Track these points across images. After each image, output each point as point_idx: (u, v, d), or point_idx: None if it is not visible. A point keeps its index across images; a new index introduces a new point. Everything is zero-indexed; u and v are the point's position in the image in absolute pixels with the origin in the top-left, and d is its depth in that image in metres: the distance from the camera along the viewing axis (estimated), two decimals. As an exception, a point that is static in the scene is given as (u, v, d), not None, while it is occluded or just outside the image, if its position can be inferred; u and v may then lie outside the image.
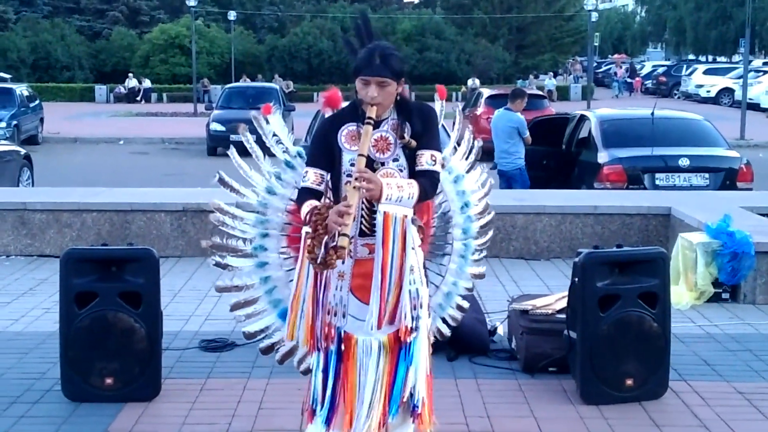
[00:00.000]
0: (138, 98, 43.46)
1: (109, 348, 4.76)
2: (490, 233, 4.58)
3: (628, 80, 49.17)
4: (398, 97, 3.66)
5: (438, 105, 4.28)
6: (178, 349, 5.66)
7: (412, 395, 3.68)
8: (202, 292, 7.02)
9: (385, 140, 3.62)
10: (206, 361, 5.49)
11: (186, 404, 4.80)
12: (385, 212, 3.46)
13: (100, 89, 44.43)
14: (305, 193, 3.63)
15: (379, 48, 3.60)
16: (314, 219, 3.47)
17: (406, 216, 3.49)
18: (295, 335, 3.70)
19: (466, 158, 4.39)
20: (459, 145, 4.41)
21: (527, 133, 11.10)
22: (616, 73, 49.67)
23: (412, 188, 3.51)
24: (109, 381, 4.77)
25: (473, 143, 4.43)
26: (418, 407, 3.68)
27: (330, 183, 3.67)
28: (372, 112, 3.52)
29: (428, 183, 3.60)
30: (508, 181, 11.19)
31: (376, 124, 3.57)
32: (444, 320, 4.41)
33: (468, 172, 4.36)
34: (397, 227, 3.47)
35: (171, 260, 8.09)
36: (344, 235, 3.31)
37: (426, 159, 3.61)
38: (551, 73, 50.18)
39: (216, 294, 4.41)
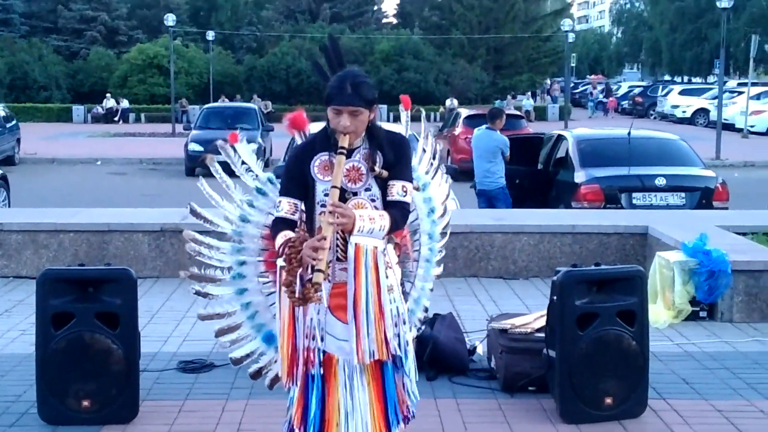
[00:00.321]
0: (116, 118, 43.31)
1: (86, 369, 4.71)
2: (448, 232, 4.75)
3: (603, 100, 49.66)
4: (369, 125, 3.63)
5: (404, 115, 4.41)
6: (156, 371, 5.62)
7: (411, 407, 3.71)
8: (180, 312, 6.98)
9: (357, 170, 3.59)
10: (184, 383, 5.45)
11: (164, 426, 4.77)
12: (356, 244, 3.45)
13: (78, 109, 44.23)
14: (279, 223, 3.59)
15: (350, 76, 3.54)
16: (288, 252, 3.44)
17: (376, 248, 3.48)
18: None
19: (432, 163, 4.49)
20: (425, 151, 4.52)
21: (508, 152, 11.14)
22: (591, 93, 50.19)
23: (384, 220, 3.50)
24: (86, 403, 4.73)
25: (436, 146, 4.56)
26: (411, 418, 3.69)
27: (304, 212, 3.65)
28: (344, 141, 3.49)
29: (399, 214, 3.59)
30: (489, 200, 11.19)
31: (348, 153, 3.54)
32: (414, 325, 4.49)
33: (432, 178, 4.48)
34: (368, 259, 3.46)
35: (149, 281, 8.05)
36: (319, 270, 3.29)
37: (397, 190, 3.60)
38: (529, 93, 50.50)
39: (194, 315, 4.42)
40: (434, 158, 4.56)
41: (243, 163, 4.22)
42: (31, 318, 5.75)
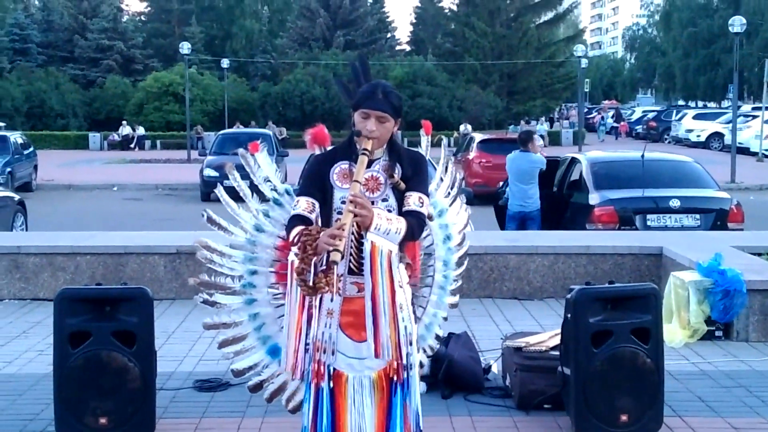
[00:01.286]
0: (132, 145, 43.62)
1: (103, 387, 4.74)
2: (465, 263, 4.71)
3: (615, 125, 50.06)
4: (391, 139, 3.72)
5: (424, 140, 4.45)
6: (172, 389, 5.65)
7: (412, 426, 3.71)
8: (196, 333, 7.00)
9: (375, 180, 3.66)
10: (200, 401, 5.48)
11: (180, 444, 4.79)
12: (372, 242, 3.47)
13: (94, 137, 44.57)
14: (296, 220, 3.63)
15: (381, 84, 3.69)
16: (303, 239, 3.47)
17: (391, 252, 3.51)
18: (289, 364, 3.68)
19: (450, 191, 4.49)
20: (443, 180, 4.52)
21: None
22: (603, 117, 50.79)
23: (401, 224, 3.54)
24: (103, 420, 4.75)
25: (456, 175, 4.55)
26: None
27: (320, 218, 3.68)
28: (368, 145, 3.58)
29: (415, 223, 3.62)
30: (523, 222, 11.19)
31: (368, 164, 3.61)
32: (424, 350, 4.47)
33: (450, 205, 4.48)
34: (383, 260, 3.48)
35: (165, 302, 8.09)
36: (336, 250, 3.31)
37: (414, 200, 3.65)
38: (543, 119, 50.65)
39: (210, 335, 4.42)
40: (453, 187, 4.56)
41: (261, 173, 4.25)
42: (48, 339, 5.80)
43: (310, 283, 3.43)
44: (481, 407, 5.36)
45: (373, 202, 3.60)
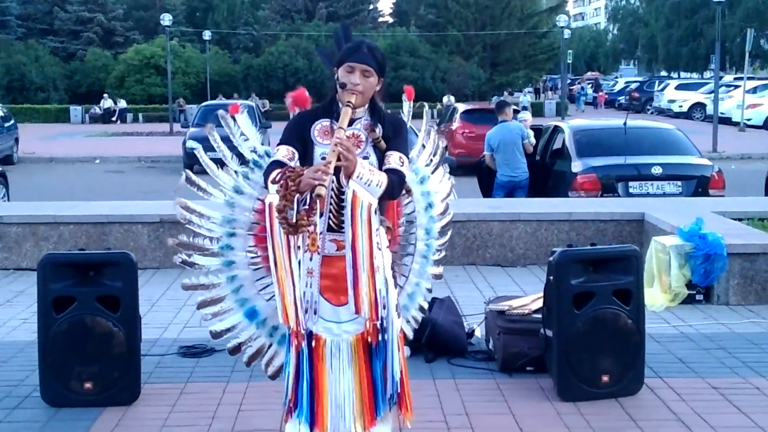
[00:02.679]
0: (113, 119, 43.36)
1: (87, 352, 4.75)
2: (449, 233, 4.70)
3: (594, 95, 50.74)
4: (372, 100, 3.73)
5: (406, 106, 4.46)
6: (157, 355, 5.67)
7: (391, 394, 3.73)
8: (180, 301, 7.02)
9: (356, 137, 3.67)
10: (185, 367, 5.50)
11: (165, 408, 4.81)
12: (354, 192, 3.47)
13: (75, 110, 44.26)
14: (275, 165, 3.62)
15: (365, 41, 3.75)
16: (287, 175, 3.44)
17: (371, 204, 3.51)
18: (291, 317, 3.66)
19: (432, 159, 4.48)
20: (425, 147, 4.50)
21: (529, 137, 11.40)
22: (582, 88, 51.52)
23: (382, 177, 3.55)
24: (88, 385, 4.77)
25: (438, 143, 4.53)
26: (395, 399, 3.72)
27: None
28: (352, 98, 3.59)
29: (396, 180, 3.62)
30: (512, 191, 11.27)
31: (350, 123, 3.62)
32: (407, 321, 4.46)
33: (433, 173, 4.46)
34: (363, 212, 3.48)
35: (149, 271, 8.09)
36: (321, 185, 3.30)
37: (394, 159, 3.66)
38: (526, 89, 50.71)
39: (194, 302, 4.41)
40: (435, 155, 4.55)
41: (241, 134, 4.24)
42: (32, 308, 5.80)
43: (293, 221, 3.41)
44: (465, 370, 5.40)
45: None
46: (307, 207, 3.39)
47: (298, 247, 3.58)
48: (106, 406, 4.75)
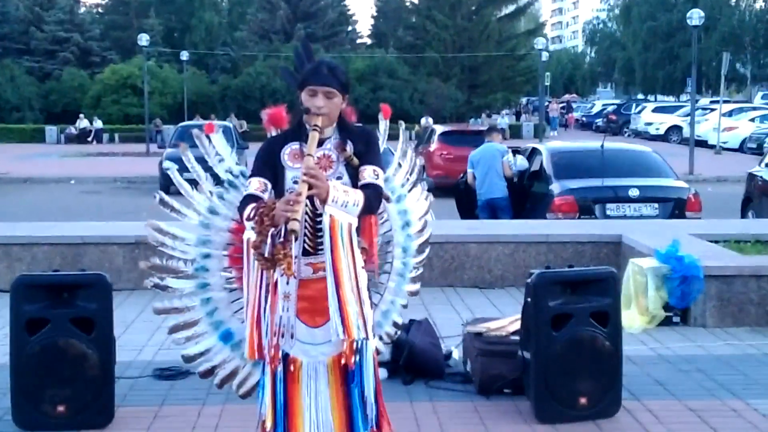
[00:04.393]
0: (89, 139, 43.10)
1: (60, 375, 4.70)
2: (427, 250, 4.67)
3: (564, 117, 52.94)
4: (340, 117, 3.70)
5: (382, 125, 4.42)
6: (132, 378, 5.60)
7: (371, 417, 3.69)
8: (155, 323, 6.91)
9: (327, 158, 3.63)
10: (160, 389, 5.45)
11: (140, 431, 4.75)
12: (331, 216, 3.42)
13: (51, 130, 43.98)
14: (249, 199, 3.58)
15: (325, 61, 3.68)
16: (260, 211, 3.41)
17: (350, 224, 3.47)
18: (255, 353, 3.63)
19: (408, 177, 4.46)
20: (401, 165, 4.49)
21: (510, 159, 11.70)
22: (553, 110, 52.56)
23: (358, 195, 3.50)
24: (60, 408, 4.71)
25: (415, 161, 4.52)
26: (375, 421, 3.68)
27: (273, 198, 3.62)
28: (318, 121, 3.55)
29: (373, 194, 3.58)
30: (494, 211, 11.44)
31: (319, 143, 3.58)
32: (380, 338, 4.43)
33: (410, 191, 4.45)
34: (344, 233, 3.44)
35: (124, 293, 8.01)
36: (294, 219, 3.26)
37: (369, 173, 3.61)
38: (504, 111, 51.05)
39: (169, 325, 4.35)
40: (412, 173, 4.54)
41: (216, 154, 4.21)
42: (4, 329, 5.70)
43: (267, 255, 3.38)
44: (443, 393, 5.38)
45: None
46: (282, 240, 3.35)
47: (276, 281, 3.54)
48: (79, 429, 4.70)
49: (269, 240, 3.37)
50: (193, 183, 4.23)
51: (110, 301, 4.83)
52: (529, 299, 4.93)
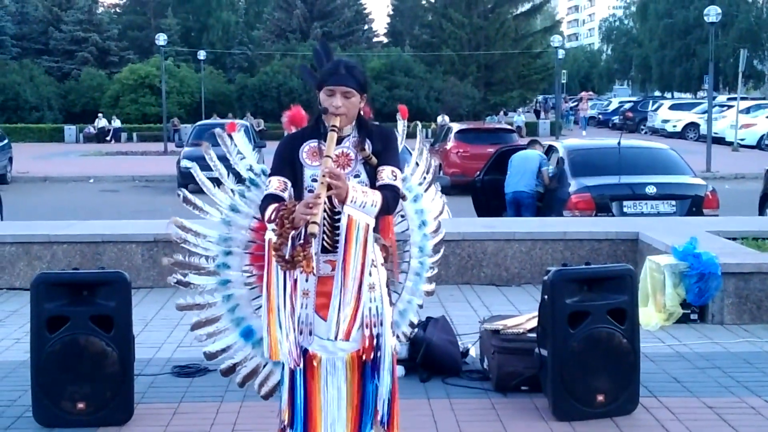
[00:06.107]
0: (108, 138, 43.27)
1: (80, 372, 4.73)
2: (442, 251, 4.69)
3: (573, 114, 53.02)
4: (359, 116, 3.72)
5: (400, 125, 4.44)
6: (150, 375, 5.64)
7: (382, 414, 3.70)
8: (174, 320, 6.99)
9: (346, 156, 3.66)
10: (179, 386, 5.48)
11: (159, 428, 4.79)
12: (349, 216, 3.45)
13: (70, 129, 44.20)
14: (269, 199, 3.61)
15: (344, 61, 3.69)
16: (280, 214, 3.45)
17: (368, 225, 3.49)
18: (278, 352, 3.65)
19: (425, 177, 4.49)
20: (418, 164, 4.51)
21: (547, 165, 11.83)
22: (570, 108, 52.41)
23: (376, 196, 3.52)
24: (81, 405, 4.75)
25: (431, 162, 4.54)
26: (386, 423, 3.69)
27: (293, 196, 3.65)
28: (336, 121, 3.57)
29: (390, 196, 3.60)
30: (518, 209, 11.66)
31: (338, 141, 3.61)
32: (397, 337, 4.45)
33: (426, 191, 4.47)
34: (360, 234, 3.47)
35: (143, 291, 8.07)
36: (314, 222, 3.29)
37: (387, 174, 3.63)
38: (520, 109, 50.94)
39: (188, 322, 4.38)
40: (428, 172, 4.56)
41: (238, 153, 4.23)
42: (25, 327, 5.77)
43: (287, 257, 3.41)
44: (460, 390, 5.39)
45: None
46: (302, 242, 3.38)
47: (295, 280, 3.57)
48: (98, 426, 4.74)
49: (289, 242, 3.40)
50: (215, 181, 4.26)
51: (129, 298, 4.86)
52: (546, 297, 4.93)
